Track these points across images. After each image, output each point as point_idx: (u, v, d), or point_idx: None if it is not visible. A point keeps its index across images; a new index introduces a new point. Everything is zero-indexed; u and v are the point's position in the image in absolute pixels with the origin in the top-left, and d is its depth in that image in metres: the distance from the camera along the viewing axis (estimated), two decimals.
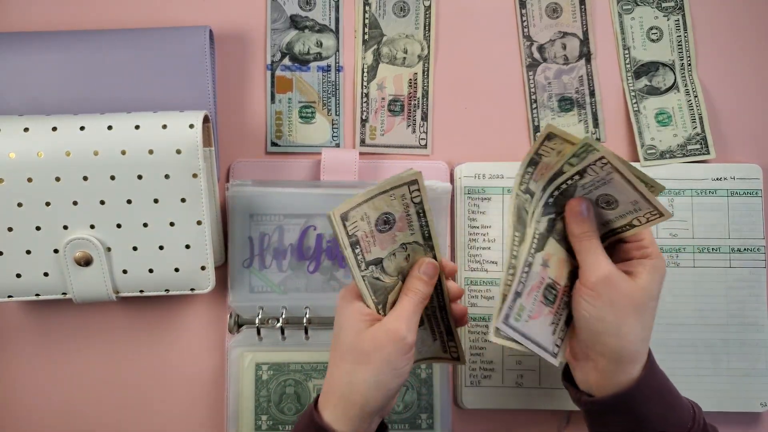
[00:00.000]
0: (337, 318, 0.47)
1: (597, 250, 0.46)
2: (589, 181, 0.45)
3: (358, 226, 0.44)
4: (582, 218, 0.46)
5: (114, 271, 0.54)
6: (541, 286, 0.47)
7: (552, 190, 0.47)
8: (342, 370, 0.45)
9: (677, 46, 0.63)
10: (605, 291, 0.44)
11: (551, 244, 0.48)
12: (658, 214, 0.45)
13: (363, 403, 0.44)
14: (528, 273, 0.46)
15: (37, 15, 0.62)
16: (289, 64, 0.62)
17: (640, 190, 0.44)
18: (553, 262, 0.47)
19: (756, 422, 0.61)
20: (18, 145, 0.51)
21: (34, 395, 0.60)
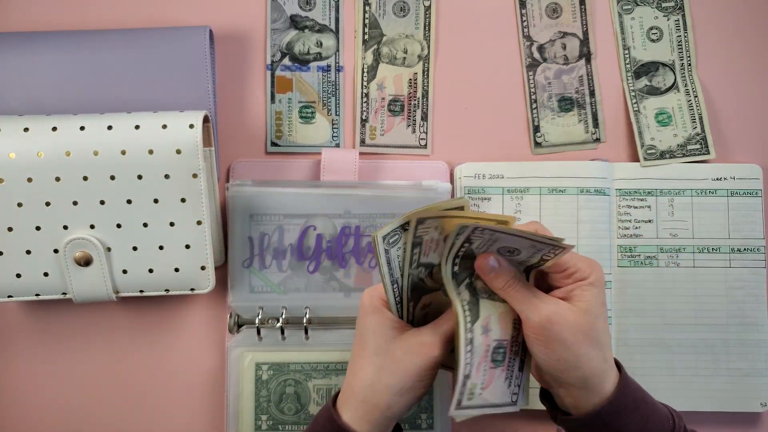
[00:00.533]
0: (364, 321, 0.47)
1: (527, 295, 0.44)
2: (480, 243, 0.43)
3: (429, 232, 0.44)
4: (495, 273, 0.44)
5: (114, 271, 0.54)
6: (488, 354, 0.46)
7: (452, 263, 0.44)
8: (366, 373, 0.45)
9: (677, 46, 0.63)
10: (550, 331, 0.43)
11: (485, 305, 0.46)
12: (561, 249, 0.43)
13: (385, 408, 0.44)
14: (471, 351, 0.45)
15: (37, 15, 0.62)
16: (289, 64, 0.62)
17: (530, 238, 0.42)
18: (493, 322, 0.46)
19: (756, 422, 0.61)
20: (18, 145, 0.51)
21: (34, 395, 0.60)
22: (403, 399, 0.45)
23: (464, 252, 0.44)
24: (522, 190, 0.61)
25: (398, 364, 0.44)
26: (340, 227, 0.59)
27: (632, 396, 0.45)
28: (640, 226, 0.61)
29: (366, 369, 0.45)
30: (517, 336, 0.47)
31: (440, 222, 0.43)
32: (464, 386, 0.45)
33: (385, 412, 0.44)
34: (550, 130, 0.63)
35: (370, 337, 0.46)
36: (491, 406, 0.47)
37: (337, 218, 0.59)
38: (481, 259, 0.44)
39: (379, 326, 0.46)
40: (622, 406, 0.44)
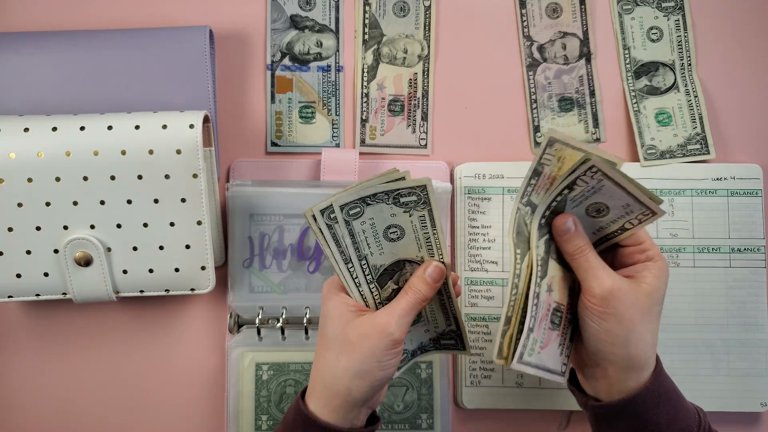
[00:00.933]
0: (323, 309, 0.47)
1: (594, 264, 0.45)
2: (579, 193, 0.45)
3: (551, 162, 0.45)
4: (570, 235, 0.46)
5: (114, 271, 0.54)
6: (548, 314, 0.47)
7: (543, 211, 0.46)
8: (326, 360, 0.45)
9: (677, 46, 0.63)
10: (610, 304, 0.43)
11: (552, 266, 0.47)
12: (651, 213, 0.44)
13: (346, 393, 0.44)
14: (537, 305, 0.45)
15: (37, 15, 0.62)
16: (289, 64, 0.62)
17: (631, 192, 0.43)
18: (555, 285, 0.47)
19: (756, 422, 0.61)
20: (18, 145, 0.51)
21: (34, 395, 0.60)
22: (364, 383, 0.44)
23: (557, 203, 0.45)
24: None
25: (354, 347, 0.44)
26: None
27: (665, 389, 0.45)
28: None
29: (325, 356, 0.45)
30: (572, 304, 0.47)
31: (564, 153, 0.44)
32: (527, 339, 0.45)
33: (346, 397, 0.44)
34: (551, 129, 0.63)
35: (327, 324, 0.46)
36: (545, 369, 0.47)
37: None
38: (560, 219, 0.46)
39: (336, 310, 0.45)
40: (655, 396, 0.44)
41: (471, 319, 0.60)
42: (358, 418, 0.46)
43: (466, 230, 0.61)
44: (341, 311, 0.45)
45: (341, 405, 0.44)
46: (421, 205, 0.44)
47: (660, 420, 0.44)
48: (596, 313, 0.44)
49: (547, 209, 0.46)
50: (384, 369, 0.44)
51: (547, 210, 0.46)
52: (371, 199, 0.44)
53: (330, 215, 0.43)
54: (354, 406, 0.45)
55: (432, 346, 0.51)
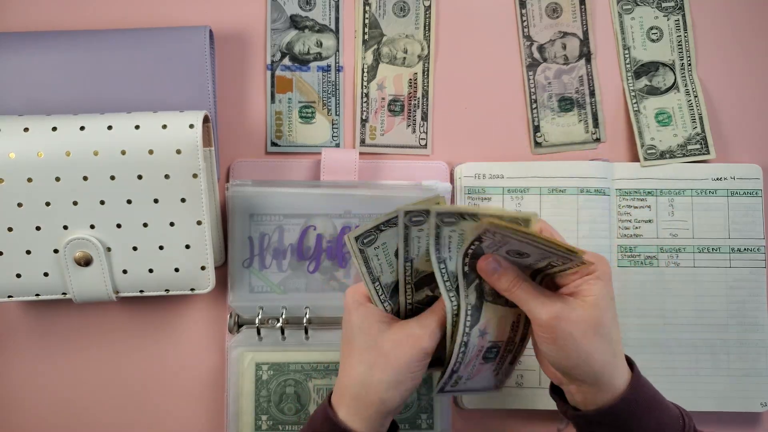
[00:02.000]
0: (349, 318, 0.47)
1: (532, 294, 0.43)
2: (490, 244, 0.43)
3: (449, 226, 0.43)
4: (498, 274, 0.44)
5: (114, 271, 0.54)
6: (480, 353, 0.47)
7: (461, 262, 0.44)
8: (357, 371, 0.45)
9: (677, 46, 0.63)
10: (558, 328, 0.42)
11: (487, 308, 0.46)
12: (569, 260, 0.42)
13: (379, 404, 0.44)
14: (464, 352, 0.45)
15: (37, 15, 0.62)
16: (289, 64, 0.62)
17: (543, 247, 0.40)
18: (491, 326, 0.46)
19: (756, 422, 0.61)
20: (18, 145, 0.51)
21: (34, 395, 0.60)
22: (397, 393, 0.45)
23: (473, 251, 0.44)
24: (522, 190, 0.61)
25: (388, 358, 0.44)
26: (340, 227, 0.59)
27: (645, 395, 0.45)
28: (640, 226, 0.61)
29: (356, 366, 0.45)
30: (513, 337, 0.47)
31: (459, 221, 0.43)
32: (450, 378, 0.47)
33: (379, 407, 0.44)
34: (550, 130, 0.63)
35: (357, 334, 0.46)
36: (473, 390, 0.48)
37: (337, 218, 0.59)
38: (482, 261, 0.44)
39: (365, 321, 0.46)
40: (633, 404, 0.44)
41: None
42: (384, 425, 0.46)
43: None
44: (371, 322, 0.46)
45: (373, 415, 0.45)
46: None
47: (640, 428, 0.44)
48: (549, 339, 0.43)
49: (465, 257, 0.44)
50: (415, 379, 0.45)
51: (465, 257, 0.44)
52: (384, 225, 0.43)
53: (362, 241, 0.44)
54: (385, 415, 0.45)
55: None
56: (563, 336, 0.42)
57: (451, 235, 0.44)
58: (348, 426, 0.44)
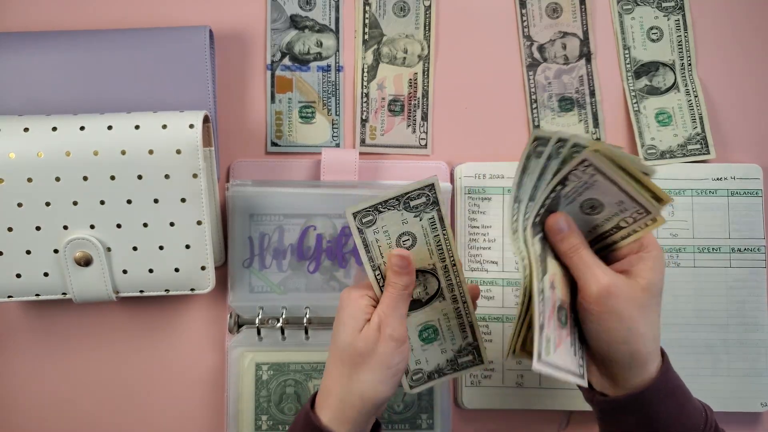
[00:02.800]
0: (337, 315, 0.46)
1: (589, 263, 0.44)
2: (572, 189, 0.43)
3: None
4: (563, 235, 0.45)
5: (114, 271, 0.54)
6: (554, 311, 0.45)
7: (537, 209, 0.44)
8: (339, 372, 0.45)
9: (677, 46, 0.63)
10: (607, 303, 0.43)
11: (551, 263, 0.45)
12: (645, 212, 0.43)
13: (361, 405, 0.44)
14: (543, 301, 0.44)
15: (37, 15, 0.62)
16: (289, 64, 0.62)
17: (624, 188, 0.42)
18: (558, 282, 0.45)
19: (756, 422, 0.61)
20: (18, 145, 0.51)
21: (34, 395, 0.60)
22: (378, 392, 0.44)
23: (551, 201, 0.44)
24: None
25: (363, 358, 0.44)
26: (340, 227, 0.59)
27: (672, 385, 0.45)
28: None
29: (339, 368, 0.45)
30: (573, 303, 0.46)
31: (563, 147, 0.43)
32: (541, 336, 0.43)
33: (360, 409, 0.44)
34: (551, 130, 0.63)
35: (339, 332, 0.45)
36: (565, 370, 0.45)
37: (337, 218, 0.59)
38: (552, 218, 0.45)
39: (349, 318, 0.45)
40: (662, 392, 0.44)
41: None
42: (368, 426, 0.46)
43: (467, 230, 0.61)
44: (354, 318, 0.45)
45: (356, 416, 0.44)
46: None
47: (666, 416, 0.44)
48: (594, 312, 0.43)
49: (542, 207, 0.44)
50: (395, 374, 0.44)
51: (541, 208, 0.44)
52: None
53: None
54: (368, 415, 0.45)
55: (450, 368, 0.51)
56: (610, 311, 0.43)
57: (545, 168, 0.43)
58: (330, 429, 0.44)
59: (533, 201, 0.45)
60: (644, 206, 0.42)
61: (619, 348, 0.44)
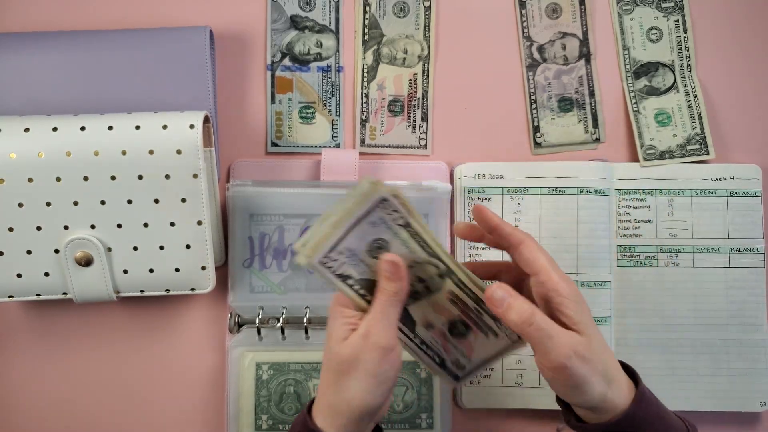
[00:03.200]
0: (327, 323, 0.46)
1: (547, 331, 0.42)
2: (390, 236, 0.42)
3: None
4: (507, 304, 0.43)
5: (114, 271, 0.54)
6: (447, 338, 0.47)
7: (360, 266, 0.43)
8: (329, 380, 0.44)
9: (677, 47, 0.63)
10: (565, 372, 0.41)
11: (417, 308, 0.45)
12: (381, 200, 0.41)
13: (349, 413, 0.43)
14: (429, 348, 0.47)
15: (37, 15, 0.62)
16: (289, 65, 0.62)
17: (350, 223, 0.41)
18: (432, 316, 0.46)
19: (756, 422, 0.61)
20: (18, 146, 0.51)
21: (34, 395, 0.60)
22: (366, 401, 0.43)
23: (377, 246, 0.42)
24: (522, 190, 0.61)
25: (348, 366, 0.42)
26: None
27: (648, 411, 0.44)
28: (639, 226, 0.61)
29: (328, 375, 0.44)
30: (465, 307, 0.46)
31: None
32: (445, 369, 0.47)
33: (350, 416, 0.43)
34: (550, 130, 0.63)
35: (329, 341, 0.44)
36: (492, 359, 0.48)
37: None
38: (489, 290, 0.43)
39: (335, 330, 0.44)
40: (637, 420, 0.43)
41: None
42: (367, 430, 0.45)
43: None
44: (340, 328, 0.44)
45: (346, 424, 0.44)
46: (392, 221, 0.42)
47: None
48: (548, 377, 0.43)
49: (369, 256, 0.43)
50: (383, 382, 0.43)
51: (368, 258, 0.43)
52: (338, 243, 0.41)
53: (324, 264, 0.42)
54: (359, 422, 0.44)
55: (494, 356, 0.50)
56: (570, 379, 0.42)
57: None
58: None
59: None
60: (371, 200, 0.41)
61: (577, 399, 0.43)
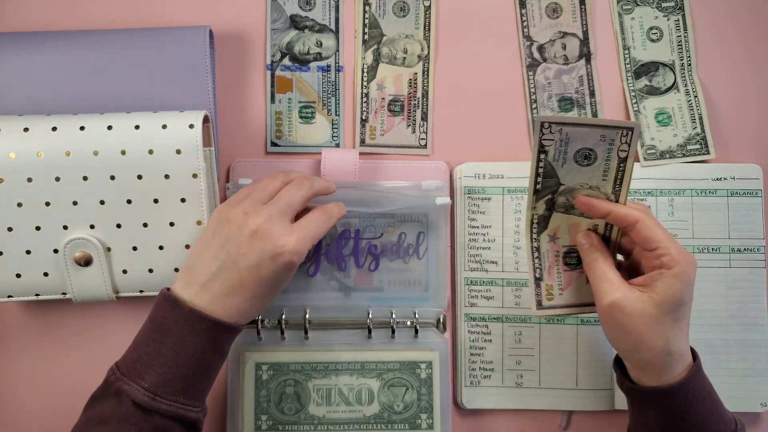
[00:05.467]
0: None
1: (603, 276, 0.47)
2: (555, 152, 0.47)
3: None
4: (584, 249, 0.49)
5: (114, 271, 0.54)
6: (558, 259, 0.51)
7: (534, 182, 0.48)
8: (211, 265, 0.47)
9: (677, 46, 0.63)
10: (613, 316, 0.45)
11: (556, 217, 0.50)
12: (628, 129, 0.45)
13: (237, 283, 0.46)
14: (540, 257, 0.51)
15: (37, 15, 0.62)
16: (289, 64, 0.62)
17: (595, 123, 0.45)
18: (563, 231, 0.50)
19: (756, 422, 0.61)
20: (18, 145, 0.51)
21: (33, 395, 0.60)
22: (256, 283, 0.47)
23: (543, 169, 0.48)
24: (522, 190, 0.61)
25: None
26: (341, 229, 0.59)
27: (699, 386, 0.46)
28: None
29: (211, 262, 0.47)
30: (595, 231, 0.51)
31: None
32: (538, 287, 0.51)
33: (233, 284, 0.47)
34: None
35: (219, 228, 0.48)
36: (573, 306, 0.52)
37: None
38: (578, 238, 0.49)
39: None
40: (688, 393, 0.45)
41: (471, 319, 0.60)
42: (243, 309, 0.48)
43: (466, 230, 0.61)
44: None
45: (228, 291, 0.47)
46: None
47: (691, 418, 0.45)
48: (603, 322, 0.46)
49: (537, 177, 0.48)
50: (278, 281, 0.48)
51: (537, 177, 0.48)
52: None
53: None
54: (239, 293, 0.47)
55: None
56: (616, 324, 0.45)
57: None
58: (203, 310, 0.45)
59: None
60: (622, 125, 0.45)
61: (628, 355, 0.46)
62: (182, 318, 0.45)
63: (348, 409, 0.58)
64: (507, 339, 0.60)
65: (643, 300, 0.45)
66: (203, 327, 0.45)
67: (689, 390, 0.45)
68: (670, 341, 0.45)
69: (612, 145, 0.46)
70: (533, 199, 0.49)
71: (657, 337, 0.45)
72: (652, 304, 0.44)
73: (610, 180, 0.48)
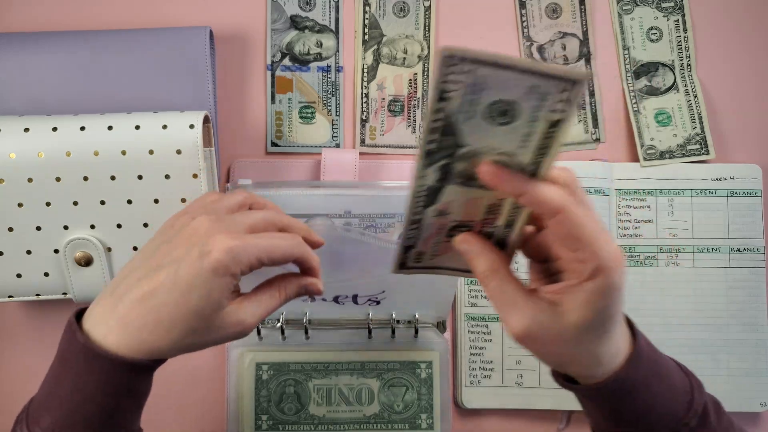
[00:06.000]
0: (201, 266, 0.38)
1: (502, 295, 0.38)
2: (461, 101, 0.32)
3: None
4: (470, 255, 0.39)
5: (114, 271, 0.54)
6: (442, 231, 0.40)
7: (426, 140, 0.34)
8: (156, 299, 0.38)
9: (677, 47, 0.63)
10: (526, 345, 0.38)
11: (450, 191, 0.37)
12: (571, 81, 0.31)
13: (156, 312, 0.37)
14: (417, 229, 0.39)
15: (37, 15, 0.62)
16: (289, 65, 0.62)
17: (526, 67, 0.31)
18: (456, 207, 0.38)
19: (756, 422, 0.61)
20: (18, 146, 0.51)
21: None
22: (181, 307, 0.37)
23: (444, 122, 0.33)
24: None
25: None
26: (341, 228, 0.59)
27: (644, 371, 0.40)
28: (639, 226, 0.61)
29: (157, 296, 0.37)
30: (493, 219, 0.39)
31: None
32: (406, 254, 0.41)
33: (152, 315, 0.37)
34: None
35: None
36: (446, 269, 0.43)
37: (337, 218, 0.59)
38: (456, 240, 0.40)
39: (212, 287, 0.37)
40: (630, 382, 0.39)
41: (471, 319, 0.60)
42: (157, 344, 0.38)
43: None
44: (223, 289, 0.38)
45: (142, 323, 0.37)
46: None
47: (635, 406, 0.40)
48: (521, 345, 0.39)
49: (431, 132, 0.34)
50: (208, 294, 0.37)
51: (431, 133, 0.34)
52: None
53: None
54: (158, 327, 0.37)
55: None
56: (532, 350, 0.39)
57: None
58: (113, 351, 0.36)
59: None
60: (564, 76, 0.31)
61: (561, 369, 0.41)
62: (79, 352, 0.37)
63: (348, 409, 0.58)
64: (507, 339, 0.60)
65: (558, 321, 0.36)
66: (99, 367, 0.37)
67: (632, 377, 0.39)
68: (600, 355, 0.38)
69: (543, 101, 0.32)
70: (422, 165, 0.35)
71: (582, 356, 0.38)
72: (570, 326, 0.36)
73: (530, 148, 0.34)
